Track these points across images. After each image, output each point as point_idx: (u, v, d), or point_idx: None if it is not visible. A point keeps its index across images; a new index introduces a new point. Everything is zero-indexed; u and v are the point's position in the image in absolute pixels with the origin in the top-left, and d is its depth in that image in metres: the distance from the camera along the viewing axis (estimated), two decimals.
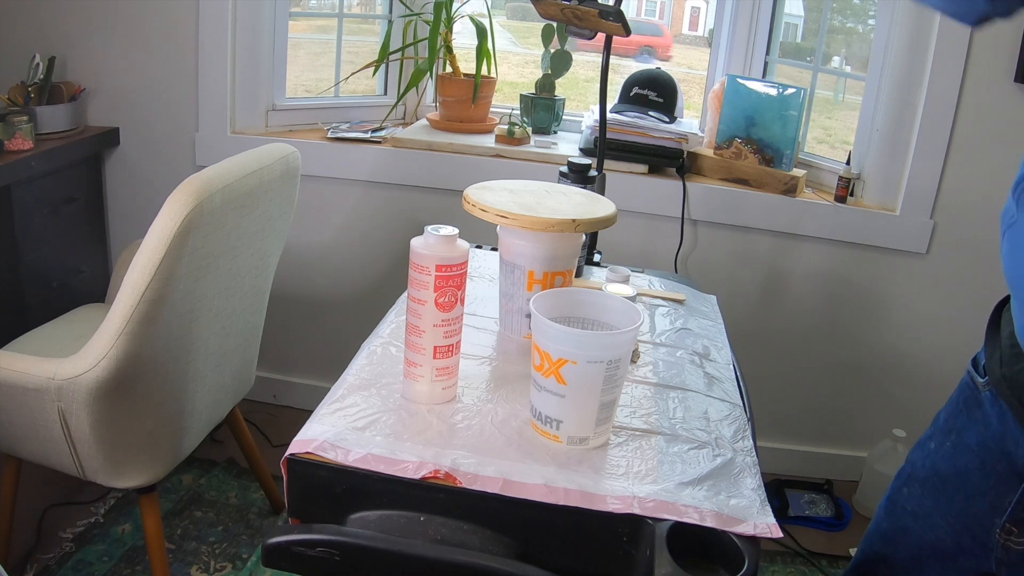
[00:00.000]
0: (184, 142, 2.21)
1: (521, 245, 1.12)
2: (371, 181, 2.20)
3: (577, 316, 1.00)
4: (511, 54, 3.90)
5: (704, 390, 1.10)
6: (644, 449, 0.94)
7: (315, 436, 0.88)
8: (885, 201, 2.09)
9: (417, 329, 0.97)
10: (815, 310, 2.19)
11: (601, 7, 1.44)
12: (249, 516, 1.96)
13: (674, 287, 1.49)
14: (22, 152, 1.91)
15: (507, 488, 0.84)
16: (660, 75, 2.24)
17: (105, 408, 1.38)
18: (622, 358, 0.90)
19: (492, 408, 0.99)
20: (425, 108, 2.45)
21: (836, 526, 2.14)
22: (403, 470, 0.85)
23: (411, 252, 0.95)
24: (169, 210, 1.28)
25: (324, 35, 2.48)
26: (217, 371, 1.63)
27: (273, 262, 1.74)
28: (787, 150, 2.11)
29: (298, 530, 0.83)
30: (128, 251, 1.85)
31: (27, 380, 1.38)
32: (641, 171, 2.13)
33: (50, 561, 1.73)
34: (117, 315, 1.31)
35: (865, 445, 2.26)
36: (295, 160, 1.64)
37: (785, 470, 2.32)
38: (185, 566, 1.76)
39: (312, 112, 2.33)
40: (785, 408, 2.29)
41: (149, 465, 1.50)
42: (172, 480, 2.04)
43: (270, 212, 1.58)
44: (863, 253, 2.11)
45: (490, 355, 1.13)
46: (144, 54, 2.16)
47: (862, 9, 2.27)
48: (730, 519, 0.83)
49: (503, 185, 1.20)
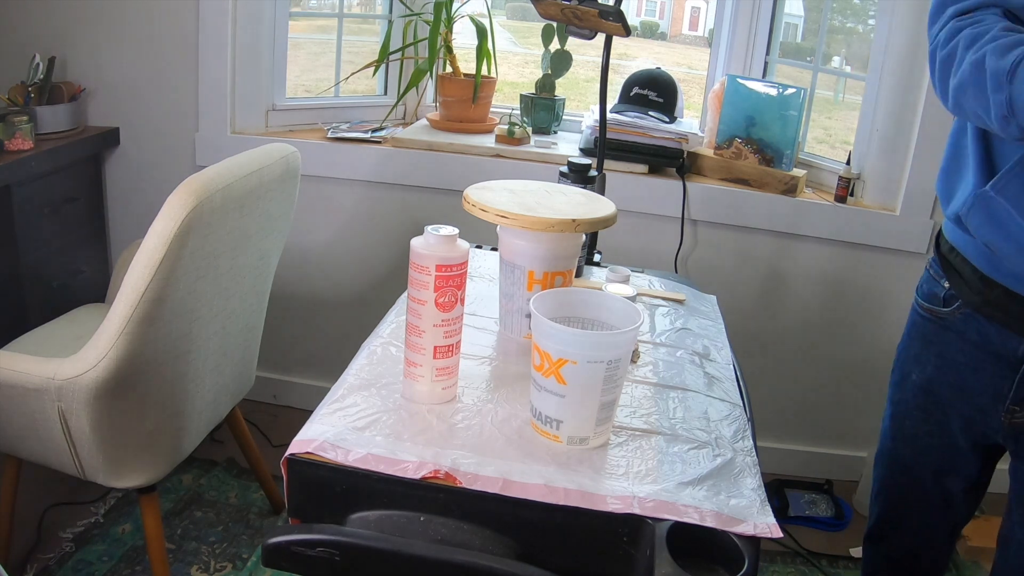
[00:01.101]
0: (184, 142, 2.21)
1: (521, 245, 1.12)
2: (371, 181, 2.20)
3: (577, 316, 1.00)
4: (511, 54, 3.90)
5: (704, 390, 1.10)
6: (644, 449, 0.94)
7: (315, 436, 0.88)
8: (885, 201, 2.09)
9: (417, 329, 0.97)
10: (815, 310, 2.19)
11: (601, 7, 1.44)
12: (249, 516, 1.96)
13: (674, 287, 1.49)
14: (22, 152, 1.91)
15: (507, 488, 0.84)
16: (660, 75, 2.24)
17: (105, 408, 1.38)
18: (622, 358, 0.90)
19: (492, 408, 0.99)
20: (425, 108, 2.45)
21: (836, 526, 2.14)
22: (403, 470, 0.85)
23: (411, 252, 0.95)
24: (169, 210, 1.28)
25: (324, 35, 2.48)
26: (217, 371, 1.63)
27: (273, 262, 1.74)
28: (787, 150, 2.11)
29: (298, 530, 0.83)
30: (128, 251, 1.85)
31: (27, 380, 1.38)
32: (641, 171, 2.13)
33: (50, 561, 1.73)
34: (117, 315, 1.31)
35: (865, 445, 2.26)
36: (295, 160, 1.64)
37: (785, 470, 2.32)
38: (185, 566, 1.76)
39: (312, 112, 2.33)
40: (785, 408, 2.29)
41: (149, 465, 1.50)
42: (172, 480, 2.04)
43: (270, 212, 1.58)
44: (863, 253, 2.11)
45: (490, 355, 1.13)
46: (144, 54, 2.16)
47: (862, 9, 2.27)
48: (730, 519, 0.83)
49: (503, 185, 1.20)
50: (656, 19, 4.82)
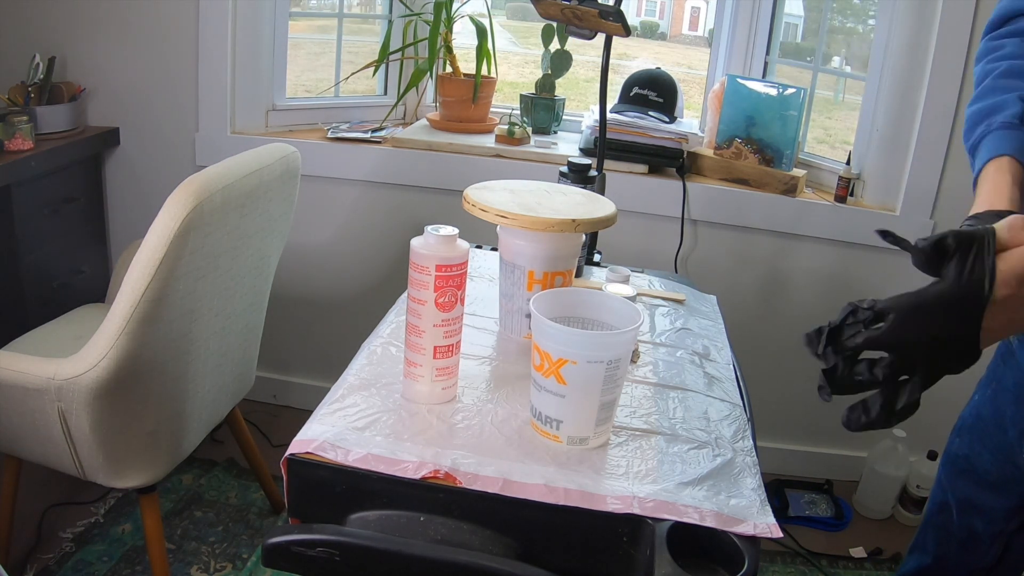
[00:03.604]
0: (184, 142, 2.21)
1: (521, 245, 1.12)
2: (371, 181, 2.20)
3: (577, 316, 1.00)
4: (511, 54, 3.89)
5: (704, 390, 1.10)
6: (644, 449, 0.94)
7: (315, 436, 0.88)
8: (885, 201, 2.09)
9: (417, 329, 0.97)
10: (815, 310, 2.19)
11: (601, 7, 1.44)
12: (249, 516, 1.96)
13: (674, 287, 1.49)
14: (22, 152, 1.91)
15: (507, 488, 0.84)
16: (660, 75, 2.24)
17: (105, 408, 1.38)
18: (622, 358, 0.90)
19: (492, 408, 0.99)
20: (425, 108, 2.45)
21: (836, 526, 2.14)
22: (403, 470, 0.85)
23: (411, 252, 0.95)
24: (169, 210, 1.28)
25: (324, 35, 2.48)
26: (217, 371, 1.63)
27: (273, 262, 1.74)
28: (787, 150, 2.11)
29: (298, 530, 0.83)
30: (128, 251, 1.85)
31: (27, 380, 1.38)
32: (641, 171, 2.13)
33: (50, 561, 1.73)
34: (117, 315, 1.31)
35: (865, 445, 2.26)
36: (295, 160, 1.64)
37: (785, 470, 2.32)
38: (185, 566, 1.76)
39: (312, 112, 2.33)
40: (785, 408, 2.29)
41: (149, 465, 1.50)
42: (172, 480, 2.04)
43: (270, 212, 1.58)
44: (863, 253, 2.11)
45: (490, 355, 1.13)
46: (144, 54, 2.16)
47: (862, 9, 2.27)
48: (730, 519, 0.83)
49: (503, 185, 1.20)
50: (656, 19, 4.81)
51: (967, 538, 1.18)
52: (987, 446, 1.12)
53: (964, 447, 1.17)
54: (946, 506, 1.21)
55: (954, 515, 1.20)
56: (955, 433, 1.21)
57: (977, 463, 1.14)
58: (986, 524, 1.15)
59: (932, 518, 1.26)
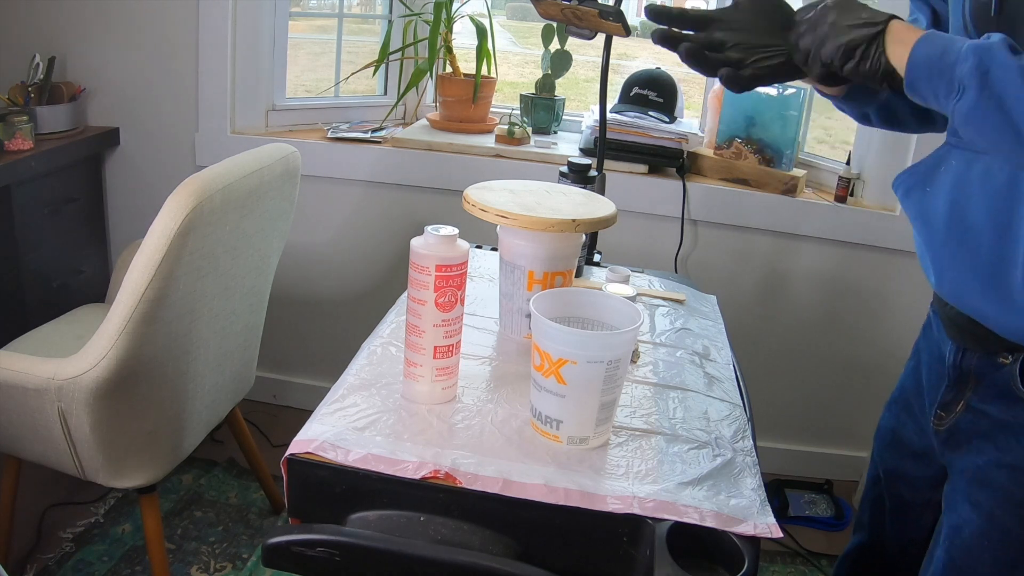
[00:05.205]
0: (184, 142, 2.21)
1: (521, 245, 1.12)
2: (371, 181, 2.20)
3: (577, 316, 1.00)
4: (511, 54, 3.90)
5: (704, 390, 1.10)
6: (644, 449, 0.94)
7: (315, 436, 0.88)
8: (885, 201, 2.09)
9: (417, 329, 0.97)
10: (815, 310, 2.19)
11: (601, 7, 1.43)
12: (249, 516, 1.96)
13: (674, 287, 1.49)
14: (22, 152, 1.91)
15: (507, 488, 0.84)
16: (660, 75, 2.24)
17: (105, 408, 1.38)
18: (622, 358, 0.90)
19: (492, 408, 0.99)
20: (425, 108, 2.45)
21: (836, 526, 2.14)
22: (403, 470, 0.85)
23: (411, 252, 0.95)
24: (169, 210, 1.28)
25: (324, 35, 2.48)
26: (217, 371, 1.63)
27: (273, 262, 1.74)
28: (787, 150, 2.11)
29: (298, 530, 0.83)
30: (128, 251, 1.85)
31: (27, 380, 1.38)
32: (641, 171, 2.13)
33: (50, 561, 1.73)
34: (117, 315, 1.31)
35: (865, 445, 2.26)
36: (295, 160, 1.64)
37: (785, 470, 2.32)
38: (185, 566, 1.76)
39: (312, 112, 2.33)
40: (785, 408, 2.29)
41: (149, 465, 1.50)
42: (172, 480, 2.04)
43: (270, 212, 1.58)
44: (863, 253, 2.11)
45: (490, 355, 1.13)
46: (144, 54, 2.16)
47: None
48: (730, 519, 0.83)
49: (503, 185, 1.20)
50: None
51: (896, 508, 1.22)
52: (911, 416, 1.16)
53: (892, 419, 1.21)
54: (877, 480, 1.25)
55: (884, 486, 1.23)
56: (885, 407, 1.26)
57: (902, 434, 1.18)
58: (913, 492, 1.19)
59: (867, 493, 1.29)
